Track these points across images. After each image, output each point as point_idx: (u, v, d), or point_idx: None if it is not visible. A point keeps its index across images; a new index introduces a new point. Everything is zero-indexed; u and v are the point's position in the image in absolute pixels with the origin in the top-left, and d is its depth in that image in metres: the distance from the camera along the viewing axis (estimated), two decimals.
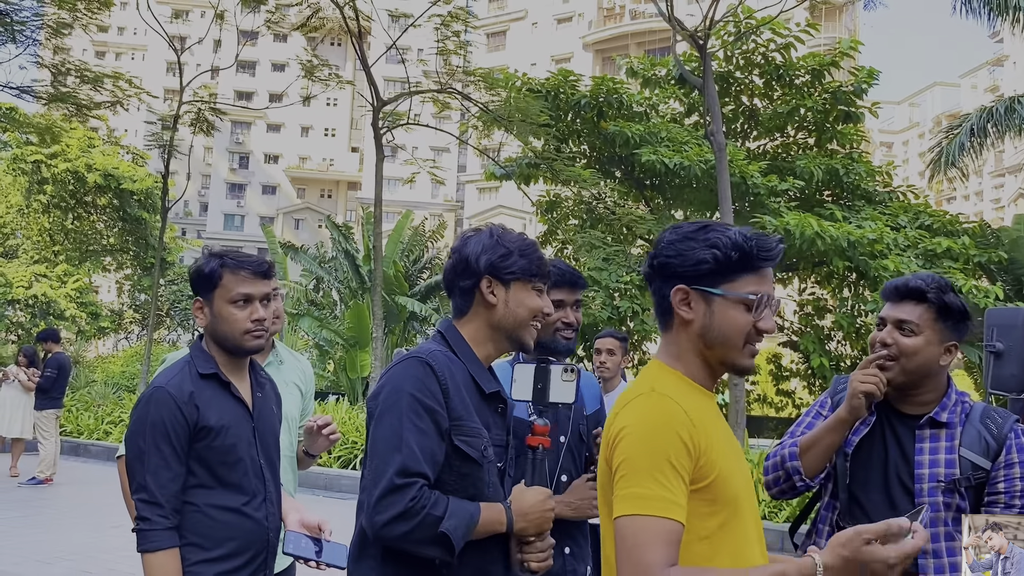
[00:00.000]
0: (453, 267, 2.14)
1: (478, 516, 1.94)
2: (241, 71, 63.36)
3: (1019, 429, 2.29)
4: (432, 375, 1.96)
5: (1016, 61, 65.24)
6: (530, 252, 2.11)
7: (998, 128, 15.86)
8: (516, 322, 2.10)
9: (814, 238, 11.66)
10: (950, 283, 2.34)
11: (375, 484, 1.88)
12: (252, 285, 2.46)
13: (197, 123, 16.17)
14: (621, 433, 1.61)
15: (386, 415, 1.94)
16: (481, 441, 2.01)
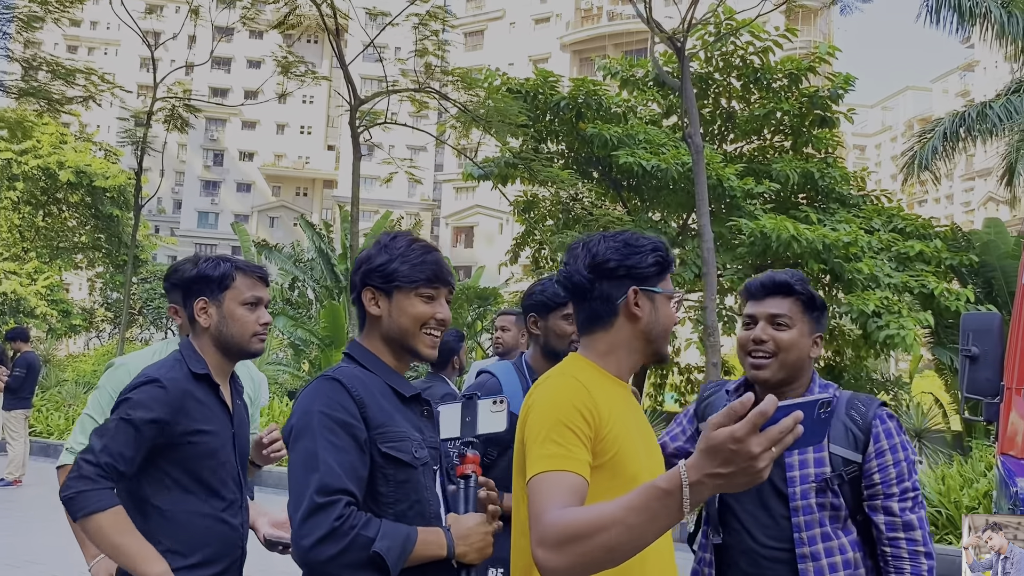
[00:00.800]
0: (351, 279, 2.10)
1: (415, 538, 1.83)
2: (216, 67, 62.84)
3: (884, 413, 2.29)
4: (342, 389, 1.89)
5: (986, 67, 66.18)
6: (413, 257, 2.01)
7: (970, 132, 16.06)
8: (401, 332, 2.01)
9: (790, 241, 11.75)
10: (803, 276, 2.37)
11: (296, 508, 1.78)
12: (260, 289, 2.52)
13: (171, 120, 16.00)
14: (530, 409, 1.79)
15: (299, 440, 1.85)
16: (410, 444, 1.94)
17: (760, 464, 1.29)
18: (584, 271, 1.86)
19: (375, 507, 1.88)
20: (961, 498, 8.22)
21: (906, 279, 12.23)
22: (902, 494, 2.21)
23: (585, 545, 1.43)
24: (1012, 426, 3.58)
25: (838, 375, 13.93)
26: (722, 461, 1.30)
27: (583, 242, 1.91)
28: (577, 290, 1.88)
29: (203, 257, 2.55)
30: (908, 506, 2.21)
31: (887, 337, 11.46)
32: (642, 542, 1.40)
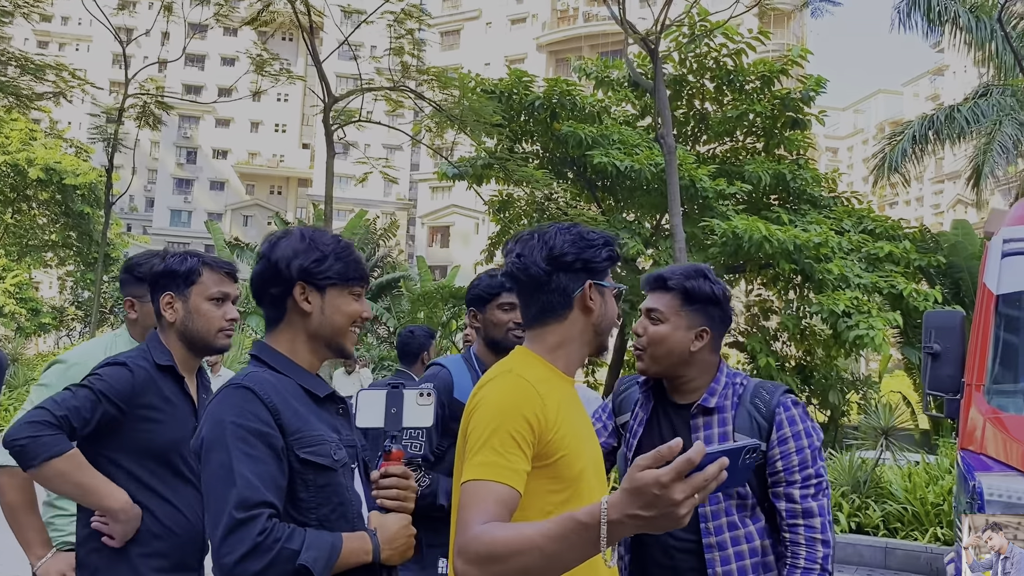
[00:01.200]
0: (261, 274, 1.96)
1: (340, 546, 1.79)
2: (189, 65, 62.26)
3: (788, 401, 2.28)
4: (254, 397, 1.80)
5: (955, 71, 67.10)
6: (346, 255, 1.98)
7: (939, 135, 16.32)
8: (334, 329, 1.97)
9: (762, 241, 11.86)
10: (705, 270, 2.34)
11: (215, 526, 1.69)
12: (228, 285, 2.51)
13: (143, 116, 15.85)
14: (476, 407, 1.77)
15: (212, 452, 1.75)
16: (329, 447, 1.88)
17: (682, 511, 1.31)
18: (542, 263, 1.85)
19: (296, 514, 1.81)
20: (927, 495, 8.36)
21: (876, 280, 12.38)
22: (804, 481, 2.21)
23: (502, 565, 1.46)
24: (971, 422, 3.66)
25: (809, 375, 14.08)
26: (644, 504, 1.32)
27: (536, 233, 1.89)
28: (532, 282, 1.86)
29: (170, 252, 2.56)
30: (810, 493, 2.21)
31: (857, 337, 11.60)
32: (558, 569, 1.43)
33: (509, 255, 1.90)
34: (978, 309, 4.00)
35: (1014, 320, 3.94)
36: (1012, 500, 3.10)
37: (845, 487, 8.77)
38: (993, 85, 16.90)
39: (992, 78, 17.36)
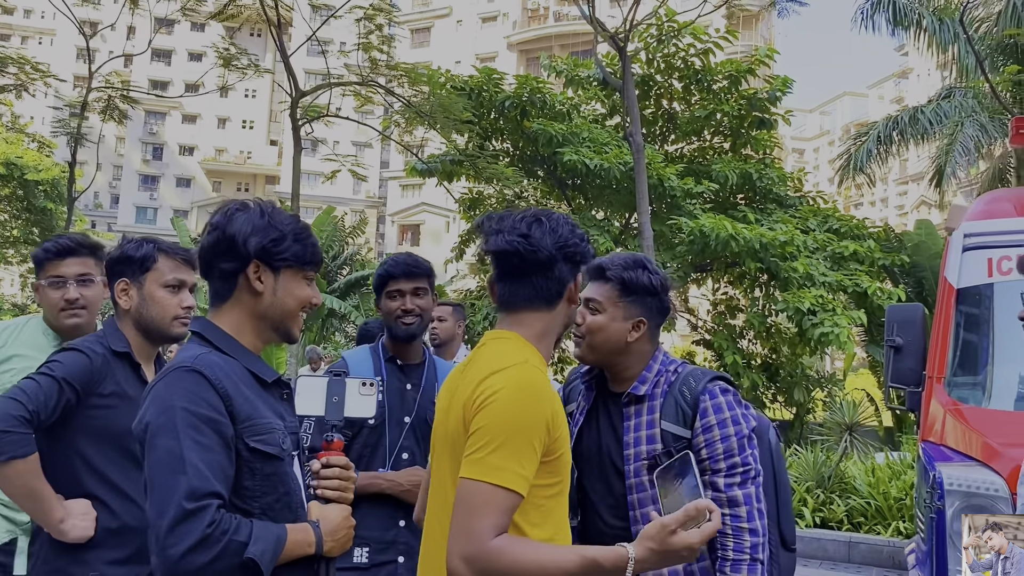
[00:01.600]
0: (214, 245, 1.86)
1: (285, 538, 1.75)
2: (156, 60, 61.48)
3: (715, 388, 2.25)
4: (204, 382, 1.73)
5: (919, 74, 68.19)
6: (304, 237, 1.91)
7: (903, 136, 16.55)
8: (283, 313, 1.90)
9: (728, 240, 11.96)
10: (644, 261, 2.33)
11: (161, 515, 1.61)
12: (185, 272, 2.46)
13: (108, 110, 15.61)
14: (492, 397, 1.71)
15: (159, 437, 1.67)
16: (276, 435, 1.82)
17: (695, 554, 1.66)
18: (551, 248, 1.84)
19: (239, 502, 1.75)
20: (890, 490, 8.48)
21: (840, 278, 12.54)
22: (729, 470, 2.17)
23: None
24: (932, 414, 3.71)
25: (775, 372, 14.22)
26: (670, 561, 1.61)
27: (541, 215, 1.88)
28: (535, 264, 1.84)
29: (129, 238, 2.53)
30: (735, 482, 2.18)
31: (822, 334, 11.74)
32: None
33: (509, 232, 1.85)
34: (939, 302, 4.07)
35: (974, 314, 4.01)
36: (971, 489, 3.16)
37: (810, 483, 8.87)
38: (956, 87, 17.18)
39: (955, 81, 17.65)
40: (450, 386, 1.90)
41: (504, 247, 1.84)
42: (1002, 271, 3.86)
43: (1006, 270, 3.85)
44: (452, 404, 1.81)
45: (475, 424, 1.69)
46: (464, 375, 1.84)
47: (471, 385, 1.76)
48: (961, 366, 3.92)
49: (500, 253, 1.85)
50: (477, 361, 1.84)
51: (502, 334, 1.87)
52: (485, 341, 1.91)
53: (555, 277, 1.85)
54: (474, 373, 1.79)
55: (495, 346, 1.86)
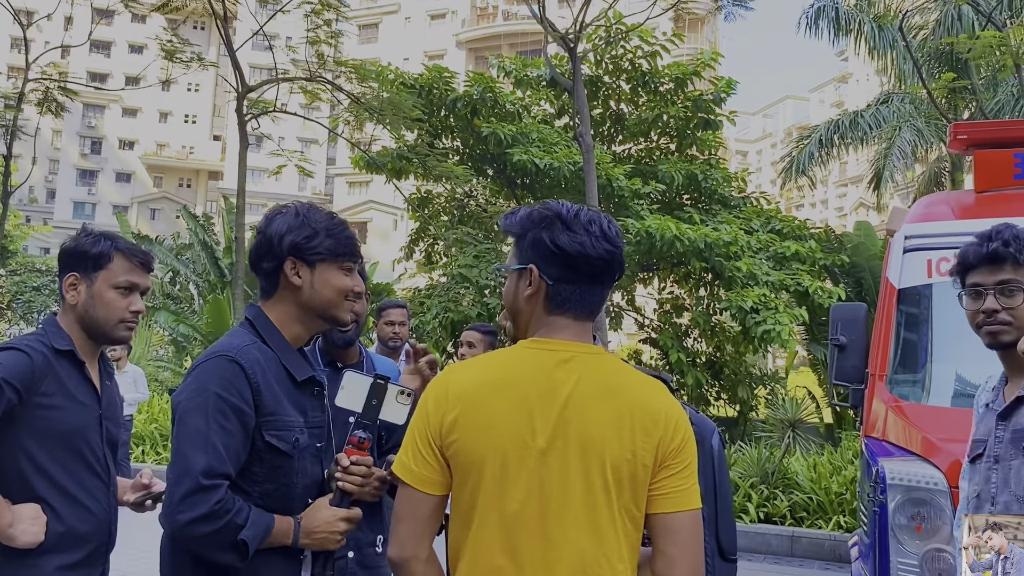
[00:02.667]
0: (257, 248, 2.08)
1: (272, 527, 1.93)
2: (95, 51, 59.95)
3: None
4: (241, 374, 1.92)
5: (859, 79, 69.87)
6: (337, 232, 2.09)
7: (843, 140, 16.98)
8: (325, 302, 2.07)
9: (673, 240, 12.10)
10: None
11: (179, 483, 1.84)
12: (139, 275, 2.42)
13: (44, 103, 15.17)
14: (687, 432, 1.75)
15: (191, 414, 1.89)
16: (292, 433, 2.00)
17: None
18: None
19: (243, 483, 1.95)
20: (831, 485, 8.68)
21: (783, 277, 12.77)
22: None
23: None
24: (874, 410, 3.81)
25: (719, 370, 14.42)
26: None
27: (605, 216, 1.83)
28: (618, 273, 1.82)
29: (88, 231, 2.45)
30: None
31: (764, 332, 11.94)
32: None
33: (614, 240, 1.78)
34: (881, 302, 4.18)
35: (914, 313, 4.13)
36: (912, 483, 3.25)
37: (754, 478, 9.04)
38: (894, 93, 17.67)
39: (893, 86, 18.15)
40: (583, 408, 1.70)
41: (600, 253, 1.75)
42: (941, 272, 3.99)
43: (944, 271, 3.97)
44: (605, 432, 1.67)
45: (683, 457, 1.72)
46: (612, 398, 1.70)
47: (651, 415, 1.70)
48: (902, 364, 4.04)
49: (591, 258, 1.74)
50: (627, 384, 1.74)
51: (594, 349, 1.78)
52: (603, 356, 1.77)
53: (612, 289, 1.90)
54: (642, 400, 1.72)
55: (616, 363, 1.80)
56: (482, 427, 1.68)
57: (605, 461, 1.65)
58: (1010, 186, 4.37)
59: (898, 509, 3.26)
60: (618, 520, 1.66)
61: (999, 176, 4.38)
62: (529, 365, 1.72)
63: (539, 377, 1.69)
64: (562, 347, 1.73)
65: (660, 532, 1.69)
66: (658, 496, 1.69)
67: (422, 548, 1.71)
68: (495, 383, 1.71)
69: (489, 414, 1.68)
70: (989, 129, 4.77)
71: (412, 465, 1.71)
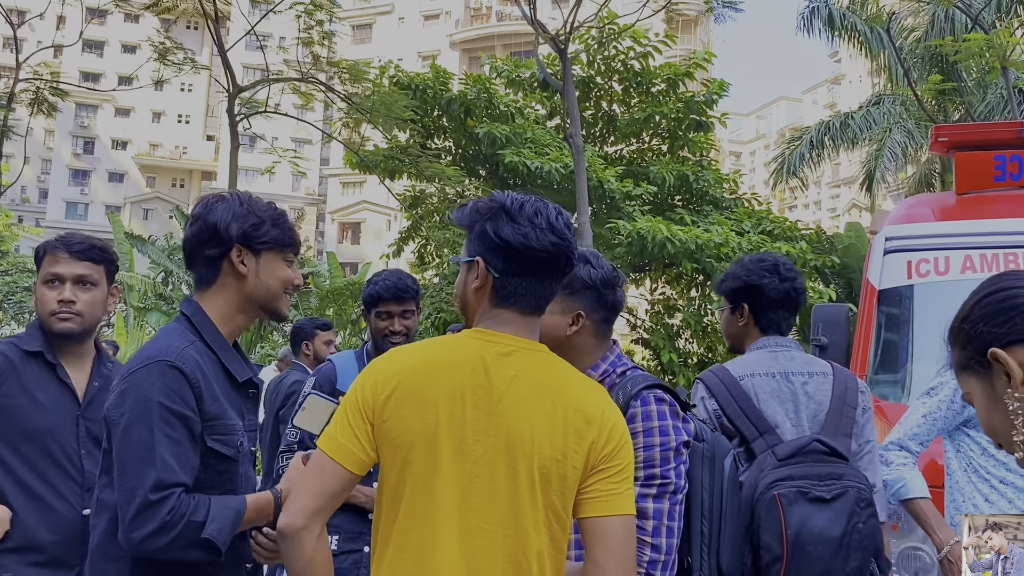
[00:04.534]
0: (198, 234, 2.00)
1: (244, 510, 1.89)
2: (88, 51, 59.79)
3: (648, 395, 2.17)
4: (183, 379, 1.85)
5: (852, 80, 70.06)
6: (282, 222, 2.06)
7: (834, 142, 17.05)
8: (268, 293, 2.03)
9: (664, 242, 12.14)
10: (587, 255, 2.26)
11: (129, 502, 1.77)
12: (64, 265, 2.40)
13: (36, 103, 15.12)
14: (623, 434, 1.73)
15: (135, 427, 1.81)
16: (236, 437, 1.96)
17: None
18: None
19: None
20: None
21: None
22: (645, 480, 2.07)
23: None
24: None
25: None
26: None
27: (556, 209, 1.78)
28: (567, 267, 1.79)
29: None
30: (650, 494, 2.08)
31: None
32: None
33: (561, 231, 1.73)
34: (862, 303, 4.22)
35: (894, 314, 4.17)
36: None
37: None
38: (885, 94, 17.74)
39: (884, 87, 18.23)
40: (500, 406, 1.67)
41: (545, 246, 1.71)
42: (920, 273, 4.02)
43: (924, 272, 4.01)
44: (534, 431, 1.65)
45: (618, 461, 1.69)
46: (547, 397, 1.68)
47: (585, 416, 1.68)
48: (882, 364, 4.07)
49: (535, 250, 1.70)
50: (565, 384, 1.72)
51: (537, 346, 1.76)
52: (545, 354, 1.76)
53: (562, 283, 1.81)
54: (579, 401, 1.69)
55: (557, 362, 1.77)
56: (416, 408, 1.65)
57: (533, 460, 1.63)
58: (990, 188, 4.42)
59: None
60: (542, 519, 1.63)
61: (979, 178, 4.42)
62: (469, 353, 1.69)
63: (477, 367, 1.68)
64: (504, 340, 1.71)
65: (591, 537, 1.65)
66: (589, 500, 1.66)
67: (317, 523, 1.65)
68: (433, 365, 1.69)
69: (424, 396, 1.66)
70: (969, 132, 4.82)
71: (339, 438, 1.68)
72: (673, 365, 12.98)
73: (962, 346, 1.27)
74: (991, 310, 1.25)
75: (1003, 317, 1.23)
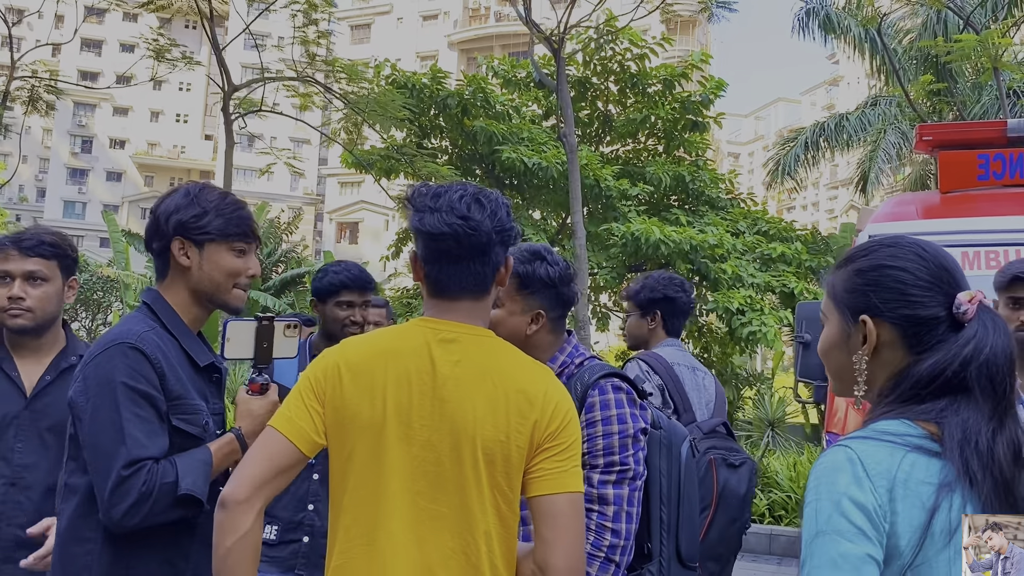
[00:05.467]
0: (148, 227, 2.04)
1: (211, 459, 1.92)
2: (86, 49, 59.82)
3: (606, 384, 2.23)
4: (144, 360, 1.87)
5: (849, 82, 70.16)
6: (228, 211, 2.02)
7: (829, 143, 17.07)
8: (213, 285, 2.02)
9: (658, 243, 12.18)
10: (543, 251, 2.31)
11: (104, 481, 1.79)
12: (13, 262, 2.43)
13: (32, 101, 15.15)
14: (568, 412, 1.72)
15: (101, 410, 1.83)
16: (201, 417, 1.97)
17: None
18: (491, 232, 1.75)
19: None
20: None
21: (768, 279, 12.85)
22: (605, 467, 2.15)
23: None
24: (836, 406, 3.88)
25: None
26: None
27: (480, 196, 1.75)
28: (472, 248, 1.73)
29: None
30: (610, 479, 2.15)
31: (750, 333, 12.03)
32: None
33: (448, 213, 1.71)
34: None
35: None
36: None
37: None
38: (881, 96, 17.78)
39: (882, 89, 18.26)
40: (439, 390, 1.70)
41: (442, 228, 1.70)
42: None
43: None
44: (477, 414, 1.67)
45: (563, 439, 1.69)
46: (489, 380, 1.70)
47: (527, 397, 1.69)
48: None
49: (435, 235, 1.71)
50: (507, 367, 1.73)
51: (481, 331, 1.78)
52: (489, 339, 1.78)
53: (491, 262, 1.75)
54: (520, 382, 1.70)
55: (501, 346, 1.78)
56: (365, 394, 1.68)
57: (476, 442, 1.65)
58: (974, 186, 4.44)
59: None
60: (488, 500, 1.65)
61: (963, 177, 4.45)
62: (414, 340, 1.72)
63: (422, 353, 1.70)
64: (447, 327, 1.73)
65: (538, 516, 1.66)
66: (535, 479, 1.67)
67: (260, 499, 1.63)
68: (381, 353, 1.72)
69: (372, 383, 1.68)
70: (953, 131, 4.85)
71: (292, 415, 1.69)
72: None
73: (849, 290, 1.45)
74: (883, 284, 1.42)
75: (887, 294, 1.41)
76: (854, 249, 1.51)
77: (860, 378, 1.42)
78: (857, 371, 1.42)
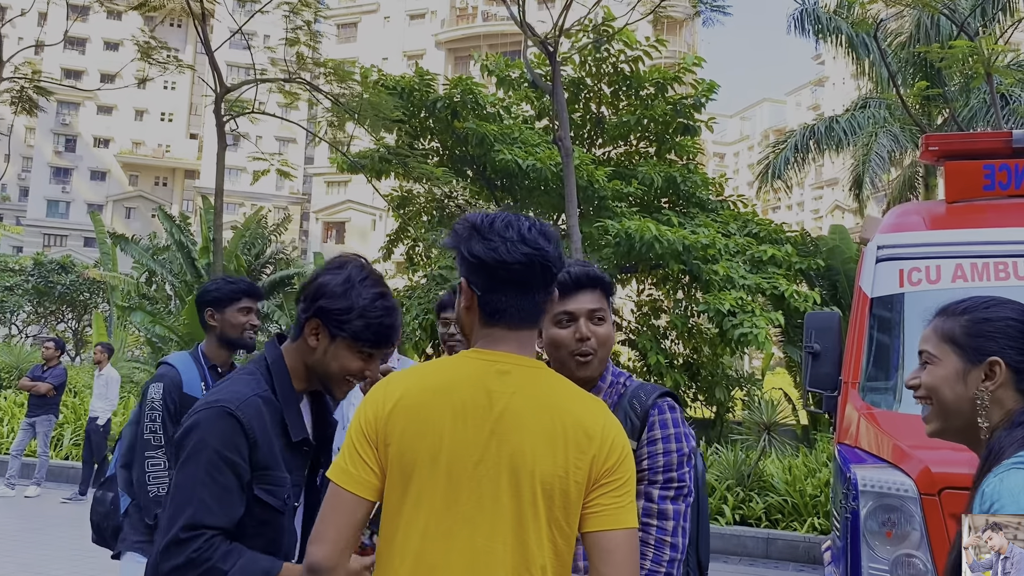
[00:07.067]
0: (302, 289, 2.10)
1: (276, 571, 1.92)
2: (70, 48, 59.25)
3: (664, 404, 2.30)
4: (240, 431, 1.93)
5: (835, 82, 70.56)
6: (373, 316, 2.02)
7: (819, 145, 17.16)
8: (326, 372, 2.07)
9: (652, 242, 12.18)
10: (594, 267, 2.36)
11: (164, 533, 1.88)
12: None
13: (18, 102, 14.99)
14: (625, 447, 1.73)
15: (189, 464, 1.91)
16: (284, 490, 2.01)
17: None
18: (560, 266, 1.78)
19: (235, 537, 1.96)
20: (805, 487, 8.77)
21: (759, 281, 12.88)
22: (665, 483, 2.21)
23: None
24: (847, 417, 3.87)
25: (696, 372, 14.53)
26: None
27: (545, 227, 1.77)
28: (549, 279, 1.75)
29: None
30: (669, 495, 2.21)
31: (741, 335, 12.04)
32: None
33: (533, 244, 1.71)
34: (854, 311, 4.24)
35: (886, 321, 4.20)
36: (883, 490, 3.32)
37: (730, 480, 9.11)
38: (870, 98, 17.87)
39: (869, 91, 18.36)
40: (498, 424, 1.68)
41: (517, 258, 1.69)
42: (912, 282, 4.05)
43: (916, 281, 4.04)
44: (535, 448, 1.67)
45: (620, 475, 1.70)
46: (547, 414, 1.69)
47: (586, 431, 1.69)
48: (874, 372, 4.09)
49: (508, 263, 1.70)
50: (563, 400, 1.73)
51: (534, 363, 1.76)
52: (542, 370, 1.77)
53: (551, 293, 1.77)
54: (579, 417, 1.70)
55: (555, 378, 1.78)
56: (420, 431, 1.67)
57: (535, 477, 1.64)
58: (980, 197, 4.46)
59: (869, 515, 3.32)
60: (546, 537, 1.65)
61: (969, 187, 4.46)
62: (468, 374, 1.71)
63: (477, 387, 1.69)
64: (501, 359, 1.72)
65: (595, 551, 1.66)
66: (592, 514, 1.67)
67: (345, 559, 1.68)
68: (434, 388, 1.70)
69: (427, 419, 1.67)
70: (959, 141, 4.86)
71: (349, 467, 1.69)
72: (659, 366, 13.01)
73: (972, 335, 1.71)
74: (1010, 334, 1.71)
75: (1013, 343, 1.70)
76: (973, 301, 1.75)
77: (983, 411, 1.68)
78: (980, 405, 1.68)
